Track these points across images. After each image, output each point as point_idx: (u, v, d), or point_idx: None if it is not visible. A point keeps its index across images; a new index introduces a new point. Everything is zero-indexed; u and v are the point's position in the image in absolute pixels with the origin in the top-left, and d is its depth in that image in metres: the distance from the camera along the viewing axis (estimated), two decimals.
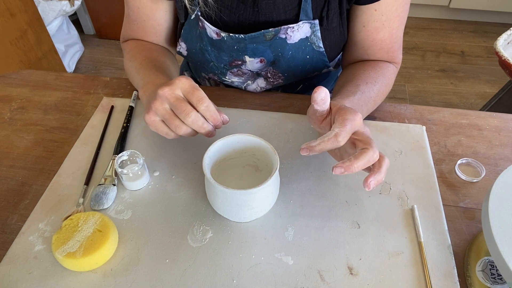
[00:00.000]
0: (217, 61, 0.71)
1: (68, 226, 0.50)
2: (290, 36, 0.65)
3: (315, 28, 0.64)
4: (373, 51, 0.68)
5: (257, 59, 0.69)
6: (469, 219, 0.56)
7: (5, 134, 0.68)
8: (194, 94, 0.51)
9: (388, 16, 0.63)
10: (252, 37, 0.65)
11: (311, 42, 0.66)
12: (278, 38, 0.65)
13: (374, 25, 0.64)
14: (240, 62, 0.70)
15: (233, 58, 0.69)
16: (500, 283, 0.47)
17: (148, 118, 0.53)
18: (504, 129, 0.69)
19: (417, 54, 2.25)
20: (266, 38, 0.65)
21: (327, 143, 0.47)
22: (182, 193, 0.58)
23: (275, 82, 0.74)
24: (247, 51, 0.67)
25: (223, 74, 0.74)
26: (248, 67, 0.71)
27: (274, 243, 0.52)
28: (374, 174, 0.46)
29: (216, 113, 0.53)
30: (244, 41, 0.65)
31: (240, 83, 0.75)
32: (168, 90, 0.51)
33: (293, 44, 0.66)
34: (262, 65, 0.70)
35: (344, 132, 0.47)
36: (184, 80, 0.52)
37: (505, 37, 1.20)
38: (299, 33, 0.65)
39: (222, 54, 0.69)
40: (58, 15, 1.94)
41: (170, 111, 0.52)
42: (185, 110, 0.50)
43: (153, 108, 0.52)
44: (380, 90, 0.65)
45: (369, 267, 0.50)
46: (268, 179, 0.48)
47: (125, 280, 0.49)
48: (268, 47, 0.66)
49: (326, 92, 0.49)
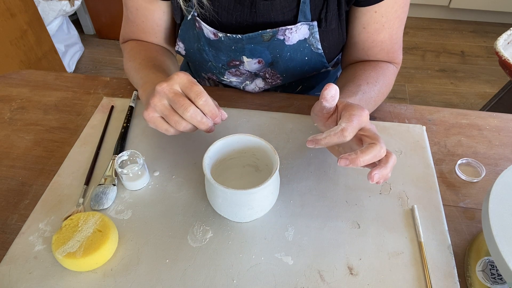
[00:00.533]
0: (215, 61, 0.71)
1: (68, 226, 0.50)
2: (288, 38, 0.64)
3: (313, 29, 0.64)
4: (373, 52, 0.68)
5: (255, 59, 0.69)
6: (469, 219, 0.56)
7: (5, 134, 0.68)
8: (192, 88, 0.51)
9: (388, 18, 0.63)
10: (250, 38, 0.64)
11: (310, 43, 0.66)
12: (276, 40, 0.65)
13: (375, 27, 0.65)
14: (238, 63, 0.70)
15: (231, 58, 0.69)
16: (500, 283, 0.47)
17: (147, 115, 0.53)
18: (504, 129, 0.69)
19: (417, 54, 2.25)
20: (264, 39, 0.65)
21: (333, 137, 0.47)
22: (182, 193, 0.58)
23: (274, 82, 0.74)
24: (245, 52, 0.67)
25: (221, 74, 0.74)
26: (246, 67, 0.70)
27: (274, 243, 0.52)
28: (379, 168, 0.46)
29: (214, 108, 0.52)
30: (241, 41, 0.65)
31: (238, 83, 0.75)
32: (166, 86, 0.51)
33: (291, 45, 0.66)
34: (260, 66, 0.70)
35: (351, 127, 0.47)
36: (182, 75, 0.51)
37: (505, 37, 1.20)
38: (297, 34, 0.64)
39: (220, 54, 0.69)
40: (58, 15, 1.94)
41: (169, 106, 0.52)
42: (184, 104, 0.50)
43: (151, 104, 0.52)
44: (380, 90, 0.65)
45: (369, 267, 0.50)
46: (268, 179, 0.48)
47: (125, 280, 0.49)
48: (266, 48, 0.66)
49: (336, 89, 0.49)
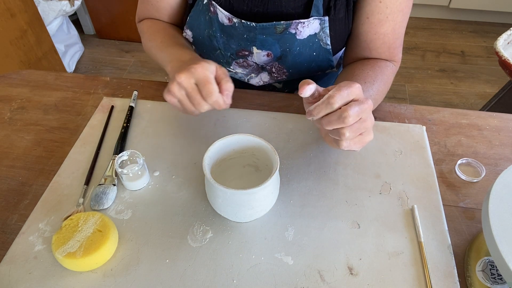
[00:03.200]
0: (225, 49, 0.72)
1: (68, 226, 0.50)
2: (300, 32, 0.66)
3: (324, 24, 0.66)
4: (375, 45, 0.69)
5: (264, 52, 0.70)
6: (469, 219, 0.56)
7: (5, 134, 0.68)
8: (205, 87, 0.54)
9: (392, 9, 0.64)
10: (263, 28, 0.66)
11: (319, 38, 0.67)
12: (288, 33, 0.66)
13: (378, 17, 0.65)
14: (247, 53, 0.71)
15: (241, 47, 0.70)
16: (500, 283, 0.47)
17: (168, 97, 0.57)
18: (504, 129, 0.69)
19: (417, 54, 2.25)
20: (276, 31, 0.66)
21: (321, 105, 0.49)
22: (182, 193, 0.58)
23: (279, 77, 0.75)
24: (256, 42, 0.68)
25: (228, 64, 0.75)
26: (254, 59, 0.71)
27: (274, 243, 0.52)
28: None
29: (222, 106, 0.56)
30: (254, 30, 0.66)
31: (243, 75, 0.76)
32: (184, 79, 0.54)
33: (301, 40, 0.67)
34: (269, 59, 0.71)
35: (338, 95, 0.48)
36: (199, 70, 0.54)
37: (505, 37, 1.20)
38: (308, 29, 0.66)
39: (231, 41, 0.70)
40: (58, 15, 1.94)
41: (185, 96, 0.56)
42: (196, 99, 0.55)
43: (171, 90, 0.56)
44: (379, 89, 0.65)
45: (369, 267, 0.50)
46: (268, 179, 0.48)
47: (125, 280, 0.49)
48: (277, 41, 0.67)
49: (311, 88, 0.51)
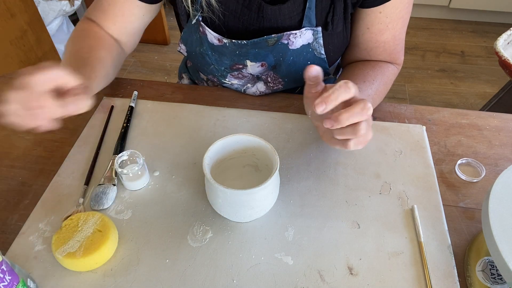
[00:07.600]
0: (218, 64, 0.71)
1: (68, 226, 0.50)
2: (292, 42, 0.65)
3: (317, 35, 0.64)
4: (375, 53, 0.69)
5: (258, 63, 0.69)
6: (469, 219, 0.56)
7: (5, 134, 0.68)
8: None
9: (392, 18, 0.64)
10: (255, 43, 0.65)
11: (313, 48, 0.66)
12: (280, 44, 0.65)
13: (378, 27, 0.65)
14: (241, 66, 0.70)
15: (234, 62, 0.69)
16: (500, 283, 0.47)
17: None
18: (504, 129, 0.69)
19: (417, 54, 2.25)
20: (268, 44, 0.65)
21: (339, 89, 0.47)
22: (182, 193, 0.58)
23: (275, 87, 0.73)
24: (249, 56, 0.67)
25: (223, 77, 0.74)
26: (249, 70, 0.70)
27: (274, 243, 0.52)
28: None
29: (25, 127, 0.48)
30: (246, 46, 0.65)
31: (239, 86, 0.75)
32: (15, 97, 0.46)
33: (294, 50, 0.66)
34: (263, 69, 0.70)
35: (351, 82, 0.48)
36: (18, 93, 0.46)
37: (505, 37, 1.20)
38: (301, 39, 0.65)
39: (223, 58, 0.69)
40: (58, 15, 1.94)
41: None
42: None
43: None
44: (378, 89, 0.65)
45: (369, 267, 0.50)
46: (268, 179, 0.48)
47: (125, 280, 0.49)
48: (270, 52, 0.66)
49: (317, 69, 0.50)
